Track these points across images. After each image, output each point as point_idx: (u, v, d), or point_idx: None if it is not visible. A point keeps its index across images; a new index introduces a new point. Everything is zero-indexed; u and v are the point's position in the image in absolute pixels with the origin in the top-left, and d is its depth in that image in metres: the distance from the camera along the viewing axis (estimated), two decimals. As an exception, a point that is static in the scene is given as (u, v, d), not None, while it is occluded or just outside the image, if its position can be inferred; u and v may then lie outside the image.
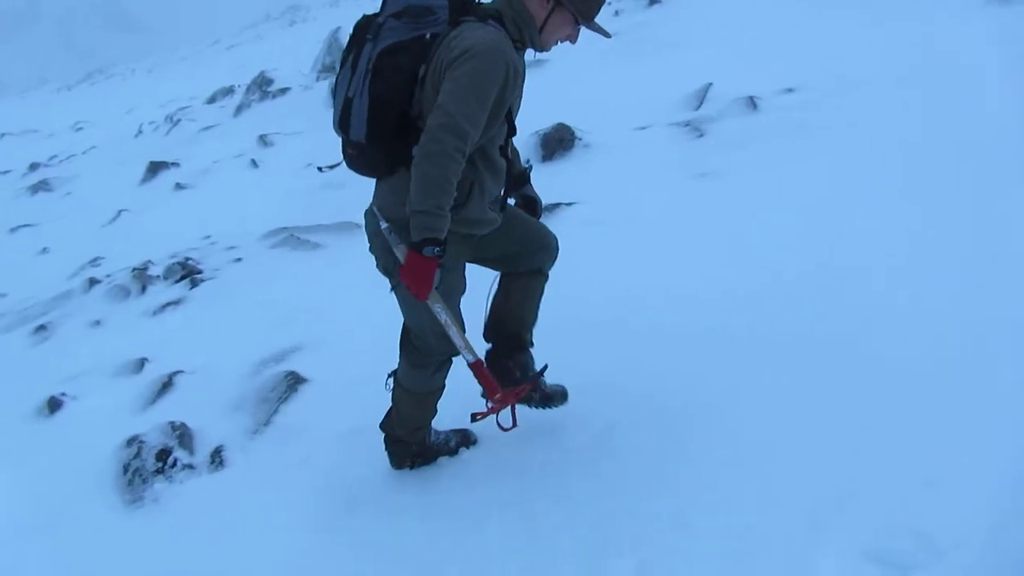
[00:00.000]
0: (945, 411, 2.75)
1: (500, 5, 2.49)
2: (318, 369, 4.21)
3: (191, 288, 6.22)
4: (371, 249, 2.72)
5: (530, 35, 2.50)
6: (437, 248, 2.33)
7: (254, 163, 11.01)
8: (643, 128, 7.40)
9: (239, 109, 16.51)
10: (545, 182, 6.54)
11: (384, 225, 2.55)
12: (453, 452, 3.22)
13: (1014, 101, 5.64)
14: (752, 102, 7.11)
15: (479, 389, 2.93)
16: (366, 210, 2.71)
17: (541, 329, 3.12)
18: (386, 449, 3.16)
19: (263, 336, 4.80)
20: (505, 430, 2.87)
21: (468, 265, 2.83)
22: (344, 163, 2.63)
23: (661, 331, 3.66)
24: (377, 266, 2.73)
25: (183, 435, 3.78)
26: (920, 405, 2.80)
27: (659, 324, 3.72)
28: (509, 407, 2.89)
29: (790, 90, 7.45)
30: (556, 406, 3.11)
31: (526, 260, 2.94)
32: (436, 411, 3.08)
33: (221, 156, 12.08)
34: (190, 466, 3.65)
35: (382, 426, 3.14)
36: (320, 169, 2.92)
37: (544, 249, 2.96)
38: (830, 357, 3.18)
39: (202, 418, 3.96)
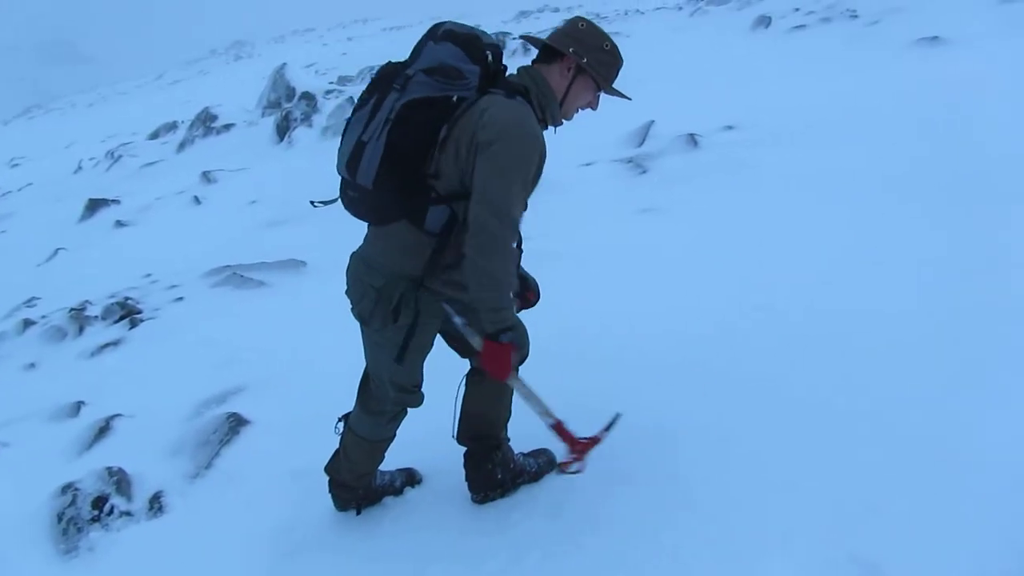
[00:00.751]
0: (881, 437, 2.81)
1: (525, 81, 2.51)
2: (261, 410, 4.14)
3: (130, 328, 6.08)
4: (348, 292, 2.66)
5: (551, 112, 2.53)
6: (513, 334, 2.36)
7: (197, 200, 10.87)
8: (588, 164, 7.52)
9: (182, 145, 16.31)
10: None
11: (458, 320, 2.53)
12: (398, 492, 3.19)
13: (942, 144, 5.89)
14: (693, 139, 7.28)
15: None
16: (354, 252, 2.66)
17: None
18: (330, 492, 3.11)
19: (204, 377, 4.71)
20: (574, 473, 2.80)
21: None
22: (340, 202, 2.58)
23: (594, 364, 3.69)
24: (352, 310, 2.67)
25: (120, 481, 3.67)
26: (856, 432, 2.87)
27: (600, 355, 3.76)
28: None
29: (730, 128, 7.66)
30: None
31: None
32: (384, 458, 3.04)
33: (163, 193, 11.90)
34: (127, 513, 3.54)
35: (327, 469, 3.09)
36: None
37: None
38: (769, 390, 3.24)
39: (140, 463, 3.85)
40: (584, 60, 2.49)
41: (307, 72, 28.74)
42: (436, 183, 2.37)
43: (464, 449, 3.02)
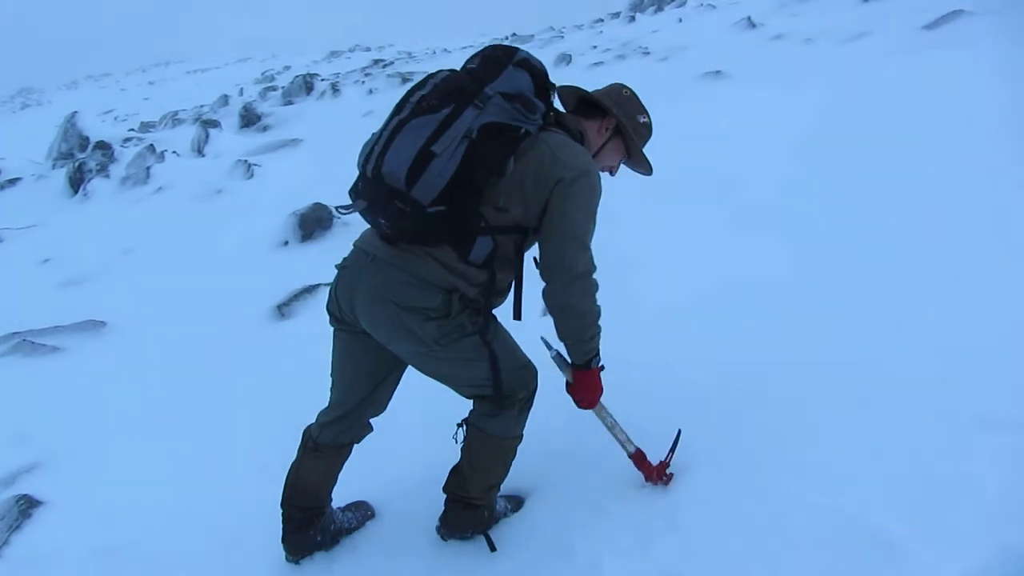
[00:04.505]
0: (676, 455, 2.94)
1: (573, 124, 2.48)
2: (56, 488, 3.79)
3: (-101, 411, 5.44)
4: (389, 343, 2.42)
5: None
6: (599, 357, 2.51)
7: (-22, 263, 9.93)
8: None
9: (-40, 203, 14.88)
10: (305, 263, 6.50)
11: (553, 351, 2.63)
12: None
13: (730, 166, 6.37)
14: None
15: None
16: (374, 297, 2.35)
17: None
18: (448, 519, 2.77)
19: (-11, 459, 4.28)
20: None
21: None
22: (365, 209, 2.27)
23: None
24: (386, 341, 2.41)
25: None
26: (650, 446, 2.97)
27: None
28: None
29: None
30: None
31: (362, 410, 2.70)
32: (510, 467, 2.75)
33: (-63, 257, 10.80)
34: (-102, 623, 3.15)
35: (445, 488, 2.74)
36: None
37: (369, 422, 2.79)
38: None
39: (-87, 566, 3.43)
40: (625, 124, 2.56)
41: (104, 119, 27.14)
42: (490, 214, 2.27)
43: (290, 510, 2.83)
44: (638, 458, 2.79)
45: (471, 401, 2.64)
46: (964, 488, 2.43)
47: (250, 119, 16.70)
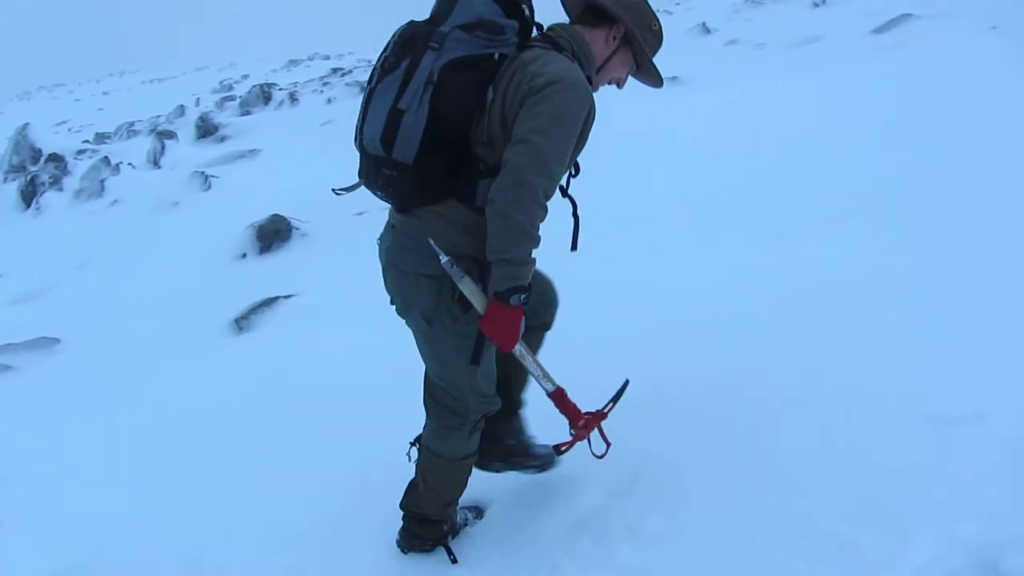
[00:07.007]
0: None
1: (564, 38, 2.26)
2: (8, 509, 3.72)
3: None
4: (396, 309, 2.38)
5: (588, 74, 2.27)
6: (524, 296, 2.12)
7: (-73, 280, 9.70)
8: (361, 214, 7.49)
9: (-93, 219, 14.51)
10: (263, 276, 6.45)
11: (444, 259, 2.16)
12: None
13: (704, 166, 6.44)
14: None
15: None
16: (388, 246, 2.33)
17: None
18: (408, 534, 2.73)
19: (-61, 482, 4.18)
20: (600, 457, 2.65)
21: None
22: (364, 185, 2.26)
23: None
24: (406, 321, 2.37)
25: None
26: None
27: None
28: (596, 431, 2.66)
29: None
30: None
31: (536, 314, 2.61)
32: (466, 482, 2.70)
33: None
34: None
35: (402, 505, 2.70)
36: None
37: (551, 304, 2.71)
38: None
39: None
40: (635, 32, 2.32)
41: (57, 131, 26.66)
42: (484, 152, 2.15)
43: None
44: (558, 397, 2.57)
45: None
46: (915, 485, 2.47)
47: (207, 130, 16.52)
